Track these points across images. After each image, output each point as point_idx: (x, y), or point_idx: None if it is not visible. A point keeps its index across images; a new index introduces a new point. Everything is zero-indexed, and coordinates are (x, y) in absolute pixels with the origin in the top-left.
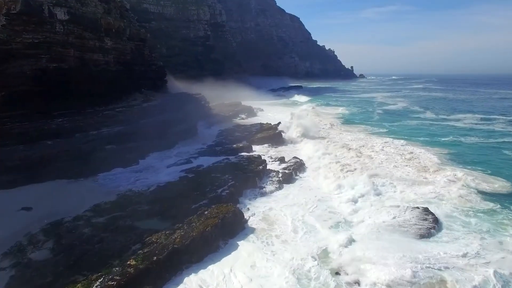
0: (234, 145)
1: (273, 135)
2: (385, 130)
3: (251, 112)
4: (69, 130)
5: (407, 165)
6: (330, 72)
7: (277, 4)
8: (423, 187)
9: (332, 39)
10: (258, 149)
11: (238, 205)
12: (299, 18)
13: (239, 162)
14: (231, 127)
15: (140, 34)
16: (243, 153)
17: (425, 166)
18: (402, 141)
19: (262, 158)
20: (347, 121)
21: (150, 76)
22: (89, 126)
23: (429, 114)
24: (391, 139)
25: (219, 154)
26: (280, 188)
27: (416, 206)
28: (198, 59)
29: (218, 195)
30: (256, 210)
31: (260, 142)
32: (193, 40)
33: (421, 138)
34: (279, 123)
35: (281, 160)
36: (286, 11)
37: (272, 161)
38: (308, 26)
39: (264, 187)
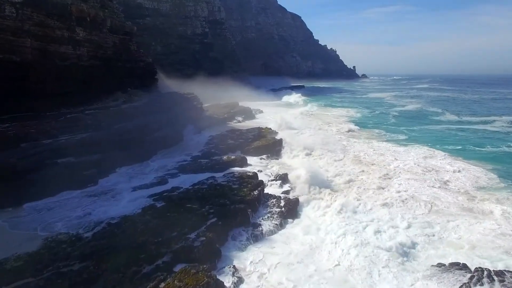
0: (225, 157)
1: (272, 143)
2: (404, 137)
3: (249, 114)
4: (13, 139)
5: (442, 188)
6: (332, 72)
7: (278, 2)
8: (477, 227)
9: (333, 39)
10: (254, 162)
11: (218, 262)
12: (300, 17)
13: (227, 184)
14: (224, 133)
15: (125, 27)
16: (234, 169)
17: (468, 191)
18: (427, 151)
19: (259, 178)
20: (359, 125)
21: (138, 74)
22: (42, 133)
23: (449, 116)
24: (414, 149)
25: (204, 170)
26: (282, 225)
27: (496, 269)
28: (195, 57)
29: (189, 246)
30: (246, 272)
31: (257, 152)
32: (190, 37)
33: (450, 147)
34: (282, 127)
35: (283, 179)
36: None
37: (271, 181)
38: (309, 26)
39: (260, 225)
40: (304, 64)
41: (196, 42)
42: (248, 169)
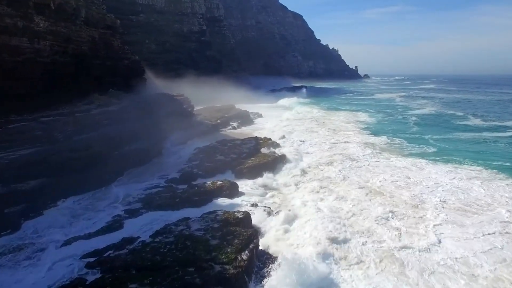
0: (209, 183)
1: (272, 161)
2: (432, 150)
3: (246, 119)
4: None
5: (505, 239)
6: (334, 72)
7: (279, 1)
8: None
9: (334, 38)
10: (248, 189)
11: None
12: (301, 16)
13: (203, 237)
14: (213, 144)
15: (107, 20)
16: (220, 202)
17: None
18: (467, 171)
19: (252, 220)
20: (374, 133)
21: (121, 73)
22: None
23: (475, 121)
24: (448, 168)
25: (177, 204)
26: None
27: None
28: (192, 56)
29: None
30: None
31: (253, 173)
32: (186, 35)
33: (495, 163)
34: (283, 137)
35: (286, 220)
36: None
37: (269, 224)
38: (309, 25)
39: None
40: (306, 64)
41: (192, 40)
42: (238, 200)
